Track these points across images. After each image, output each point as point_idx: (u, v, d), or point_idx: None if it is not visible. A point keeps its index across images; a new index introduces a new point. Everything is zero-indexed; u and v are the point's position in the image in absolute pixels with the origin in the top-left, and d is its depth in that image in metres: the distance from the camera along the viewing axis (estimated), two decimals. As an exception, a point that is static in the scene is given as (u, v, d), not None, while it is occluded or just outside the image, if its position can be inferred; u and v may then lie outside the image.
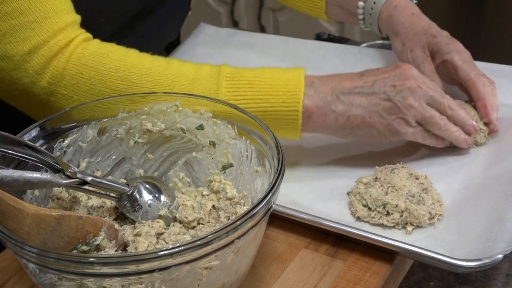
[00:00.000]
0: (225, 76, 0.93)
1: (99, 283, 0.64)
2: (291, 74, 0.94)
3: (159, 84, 0.92)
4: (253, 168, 0.82)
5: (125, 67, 0.92)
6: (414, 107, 0.93)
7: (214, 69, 0.94)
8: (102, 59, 0.92)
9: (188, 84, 0.92)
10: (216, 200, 0.83)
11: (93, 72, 0.92)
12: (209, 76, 0.93)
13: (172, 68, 0.94)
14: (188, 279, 0.66)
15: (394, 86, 0.93)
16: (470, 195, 0.90)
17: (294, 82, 0.93)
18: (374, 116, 0.93)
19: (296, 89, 0.93)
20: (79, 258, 0.63)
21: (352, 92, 0.94)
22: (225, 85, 0.92)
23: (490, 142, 1.02)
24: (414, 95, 0.93)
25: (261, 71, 0.95)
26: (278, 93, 0.92)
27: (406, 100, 0.92)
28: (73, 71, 0.91)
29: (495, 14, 2.34)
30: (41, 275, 0.66)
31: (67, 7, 0.94)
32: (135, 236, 0.76)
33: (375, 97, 0.93)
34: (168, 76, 0.93)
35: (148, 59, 0.95)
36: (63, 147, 0.83)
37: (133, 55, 0.95)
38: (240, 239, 0.67)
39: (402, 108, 0.92)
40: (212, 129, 0.86)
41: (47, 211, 0.67)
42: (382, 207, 0.86)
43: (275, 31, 2.82)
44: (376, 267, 0.81)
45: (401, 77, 0.94)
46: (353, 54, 1.24)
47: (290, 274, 0.81)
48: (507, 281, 0.85)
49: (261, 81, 0.93)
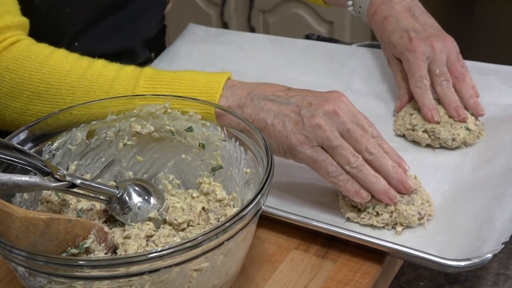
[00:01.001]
0: (145, 77, 0.93)
1: (88, 286, 0.64)
2: (213, 77, 0.94)
3: (77, 85, 0.94)
4: (243, 169, 0.82)
5: (46, 70, 0.94)
6: (322, 128, 0.84)
7: (137, 70, 0.95)
8: (24, 62, 0.94)
9: (107, 85, 0.93)
10: (206, 202, 0.83)
11: (14, 75, 0.94)
12: (130, 76, 0.94)
13: (93, 69, 0.95)
14: (178, 281, 0.66)
15: (310, 104, 0.87)
16: (459, 195, 0.90)
17: (213, 84, 0.92)
18: (277, 125, 0.87)
19: (213, 90, 0.92)
20: (68, 261, 0.63)
21: (266, 98, 0.90)
22: (143, 84, 0.93)
23: (479, 142, 1.02)
24: (326, 117, 0.85)
25: (183, 73, 0.95)
26: (195, 94, 0.91)
27: (315, 118, 0.85)
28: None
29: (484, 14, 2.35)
30: (30, 278, 0.66)
31: (6, 10, 0.96)
32: (125, 239, 0.76)
33: (286, 108, 0.88)
34: (87, 77, 0.94)
35: (71, 61, 0.96)
36: (52, 150, 0.83)
37: (56, 57, 0.96)
38: (230, 240, 0.67)
39: (307, 125, 0.85)
40: (201, 131, 0.86)
41: (36, 214, 0.67)
42: (371, 207, 0.86)
43: (265, 33, 2.82)
44: (366, 268, 0.81)
45: (323, 99, 0.87)
46: (342, 52, 1.24)
47: (280, 275, 0.81)
48: (497, 280, 0.85)
49: (180, 83, 0.93)
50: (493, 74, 1.12)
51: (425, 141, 1.02)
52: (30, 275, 0.66)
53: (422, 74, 1.04)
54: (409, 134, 1.04)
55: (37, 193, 0.81)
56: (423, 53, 1.05)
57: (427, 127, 1.01)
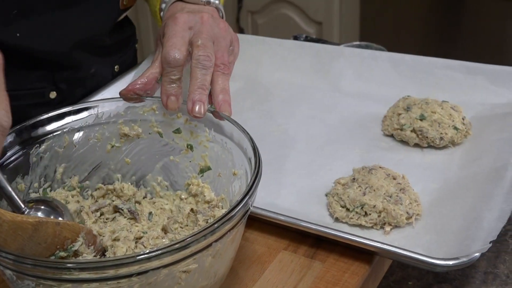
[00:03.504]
0: None
1: None
2: None
3: None
4: (231, 170, 0.82)
5: None
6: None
7: None
8: None
9: None
10: (194, 203, 0.83)
11: None
12: None
13: None
14: (166, 282, 0.66)
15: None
16: (447, 195, 0.90)
17: None
18: None
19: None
20: (56, 264, 0.63)
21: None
22: None
23: (466, 141, 1.02)
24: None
25: None
26: None
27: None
28: None
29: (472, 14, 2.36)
30: (18, 281, 0.66)
31: None
32: (114, 241, 0.76)
33: None
34: None
35: None
36: (39, 153, 0.83)
37: None
38: (218, 242, 0.67)
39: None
40: (189, 132, 0.86)
41: (23, 217, 0.66)
42: (360, 207, 0.87)
43: (254, 33, 2.83)
44: (355, 268, 0.81)
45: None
46: (330, 53, 1.24)
47: (269, 276, 0.81)
48: (485, 279, 0.85)
49: None
50: (481, 73, 1.12)
51: (413, 141, 1.02)
52: (18, 278, 0.66)
53: (174, 42, 0.89)
54: (397, 133, 1.04)
55: (24, 196, 0.81)
56: (186, 22, 0.92)
57: (415, 127, 1.02)
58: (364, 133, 1.07)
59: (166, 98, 0.86)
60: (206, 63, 0.87)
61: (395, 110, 1.07)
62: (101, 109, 0.88)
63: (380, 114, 1.10)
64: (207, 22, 0.93)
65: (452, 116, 1.02)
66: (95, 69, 1.17)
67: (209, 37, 0.91)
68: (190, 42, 0.91)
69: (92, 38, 1.13)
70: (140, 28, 3.08)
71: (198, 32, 0.91)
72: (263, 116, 1.13)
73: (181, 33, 0.90)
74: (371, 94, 1.16)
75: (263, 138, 1.05)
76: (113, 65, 1.23)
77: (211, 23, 0.94)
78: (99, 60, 1.18)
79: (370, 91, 1.17)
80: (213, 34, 0.93)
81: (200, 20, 0.93)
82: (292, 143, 1.06)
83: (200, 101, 0.84)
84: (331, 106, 1.15)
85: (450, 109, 1.03)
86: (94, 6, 1.10)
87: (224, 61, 0.91)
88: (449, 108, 1.04)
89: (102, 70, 1.19)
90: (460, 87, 1.12)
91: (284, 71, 1.24)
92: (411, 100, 1.07)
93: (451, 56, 1.08)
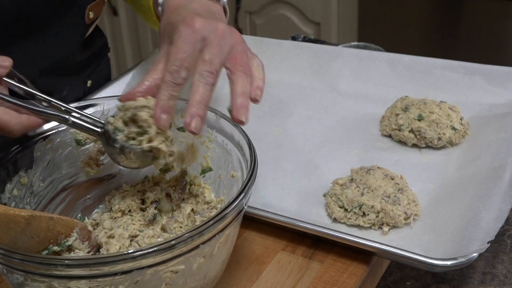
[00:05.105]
0: None
1: (64, 285, 0.64)
2: None
3: None
4: (230, 173, 0.82)
5: None
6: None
7: None
8: None
9: None
10: (195, 203, 0.83)
11: None
12: None
13: None
14: (152, 282, 0.66)
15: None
16: (445, 195, 0.90)
17: None
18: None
19: None
20: (42, 259, 0.63)
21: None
22: None
23: (464, 142, 1.02)
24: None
25: None
26: None
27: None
28: None
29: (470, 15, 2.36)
30: (8, 275, 0.67)
31: None
32: (109, 238, 0.76)
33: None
34: None
35: None
36: (43, 147, 0.83)
37: None
38: (206, 244, 0.67)
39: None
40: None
41: (16, 211, 0.66)
42: (358, 208, 0.87)
43: (252, 34, 2.83)
44: (353, 268, 0.81)
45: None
46: (328, 53, 1.24)
47: (267, 277, 0.81)
48: (483, 279, 0.85)
49: None
50: (479, 73, 1.12)
51: (411, 141, 1.02)
52: (8, 271, 0.66)
53: (183, 57, 0.81)
54: (396, 134, 1.04)
55: (27, 189, 0.82)
56: (200, 29, 0.83)
57: (413, 127, 1.02)
58: (362, 134, 1.07)
59: (160, 112, 0.78)
60: (209, 79, 0.80)
61: (393, 110, 1.07)
62: (106, 106, 0.88)
63: (378, 115, 1.10)
64: (221, 34, 0.84)
65: (450, 117, 1.02)
66: (67, 90, 1.13)
67: (219, 52, 0.83)
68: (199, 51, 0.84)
69: (60, 61, 1.09)
70: (115, 34, 3.08)
71: (210, 44, 0.83)
72: (261, 117, 1.13)
73: (193, 46, 0.82)
74: (369, 95, 1.16)
75: (261, 138, 1.06)
76: (86, 80, 1.19)
77: (226, 35, 0.85)
78: (70, 80, 1.13)
79: (368, 91, 1.17)
80: (226, 47, 0.84)
81: (215, 30, 0.84)
82: (290, 144, 1.06)
83: (198, 116, 0.76)
84: (329, 106, 1.15)
85: (448, 109, 1.04)
86: (58, 29, 1.05)
87: (243, 63, 0.85)
88: (447, 108, 1.04)
89: (74, 89, 1.15)
90: (458, 87, 1.12)
91: (282, 71, 1.24)
92: (409, 101, 1.07)
93: (449, 57, 1.08)
